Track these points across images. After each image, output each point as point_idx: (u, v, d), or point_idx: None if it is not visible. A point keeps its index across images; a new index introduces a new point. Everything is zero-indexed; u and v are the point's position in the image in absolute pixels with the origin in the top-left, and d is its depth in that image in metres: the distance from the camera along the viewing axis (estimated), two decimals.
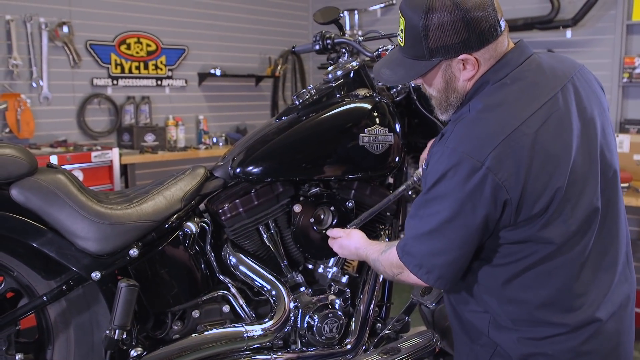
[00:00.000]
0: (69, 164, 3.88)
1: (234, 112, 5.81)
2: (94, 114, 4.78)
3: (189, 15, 5.34)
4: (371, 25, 5.74)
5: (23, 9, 4.29)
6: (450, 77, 1.60)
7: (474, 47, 1.53)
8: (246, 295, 2.26)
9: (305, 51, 2.61)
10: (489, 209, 1.48)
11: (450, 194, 1.50)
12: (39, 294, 1.99)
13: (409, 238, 1.63)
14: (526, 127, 1.48)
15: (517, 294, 1.59)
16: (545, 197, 1.49)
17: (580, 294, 1.57)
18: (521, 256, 1.57)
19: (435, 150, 1.58)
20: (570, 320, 1.56)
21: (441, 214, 1.53)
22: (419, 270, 1.60)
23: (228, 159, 2.24)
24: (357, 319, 2.34)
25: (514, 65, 1.58)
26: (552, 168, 1.49)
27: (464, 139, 1.51)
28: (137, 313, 2.06)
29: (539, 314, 1.58)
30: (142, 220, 2.01)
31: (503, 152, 1.46)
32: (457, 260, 1.57)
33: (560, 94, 1.57)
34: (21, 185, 1.84)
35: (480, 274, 1.64)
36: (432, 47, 1.53)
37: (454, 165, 1.49)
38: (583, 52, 4.62)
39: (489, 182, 1.46)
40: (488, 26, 1.51)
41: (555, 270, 1.56)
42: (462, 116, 1.57)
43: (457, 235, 1.53)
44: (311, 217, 2.26)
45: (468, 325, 1.74)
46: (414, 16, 1.52)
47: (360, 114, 2.22)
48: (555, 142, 1.51)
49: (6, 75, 4.26)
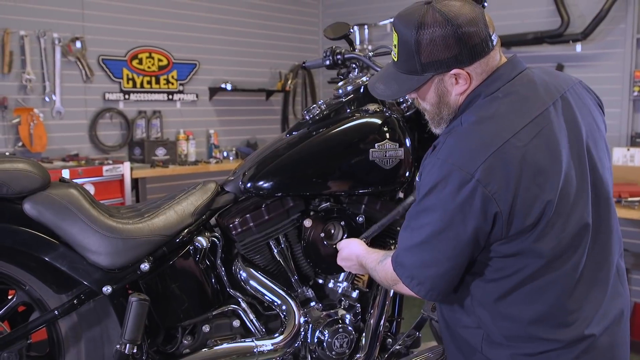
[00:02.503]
0: (80, 178, 3.91)
1: (245, 126, 5.83)
2: (105, 128, 4.82)
3: (200, 30, 5.38)
4: (381, 40, 5.76)
5: (37, 25, 4.34)
6: (442, 91, 1.61)
7: (466, 62, 1.54)
8: (256, 310, 2.26)
9: (315, 66, 2.62)
10: (478, 221, 1.48)
11: (441, 206, 1.51)
12: (50, 308, 2.00)
13: (401, 249, 1.64)
14: (517, 139, 1.49)
15: (511, 309, 1.59)
16: (536, 210, 1.48)
17: (574, 310, 1.57)
18: (513, 271, 1.56)
19: (427, 162, 1.59)
20: (563, 336, 1.56)
21: (432, 225, 1.53)
22: (410, 281, 1.60)
23: (239, 173, 2.25)
24: (368, 334, 2.33)
25: (506, 79, 1.59)
26: (543, 181, 1.49)
27: (455, 150, 1.51)
28: (148, 327, 2.06)
29: (532, 330, 1.58)
30: (154, 234, 2.02)
31: (493, 164, 1.46)
32: (448, 272, 1.56)
33: (552, 108, 1.58)
34: (34, 199, 1.86)
35: (474, 289, 1.64)
36: (425, 62, 1.55)
37: (444, 177, 1.50)
38: (593, 66, 4.61)
39: (479, 194, 1.46)
40: (480, 41, 1.53)
41: (548, 286, 1.55)
42: (454, 128, 1.58)
43: (447, 247, 1.53)
44: (321, 232, 2.26)
45: (461, 342, 1.73)
46: (406, 31, 1.54)
47: (371, 129, 2.23)
48: (546, 156, 1.51)
49: (20, 90, 4.30)
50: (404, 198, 2.45)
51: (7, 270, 1.97)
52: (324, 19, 6.37)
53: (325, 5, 6.40)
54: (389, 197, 2.39)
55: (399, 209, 2.22)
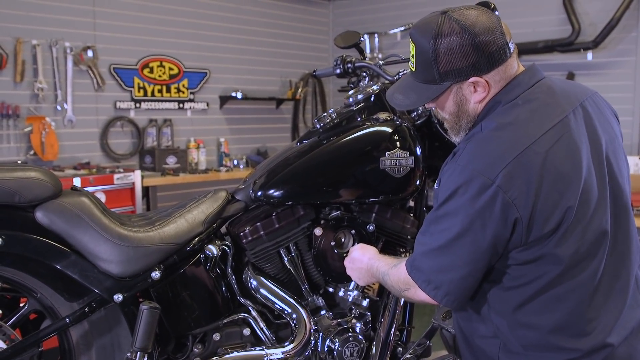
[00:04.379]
0: (91, 186, 3.93)
1: (255, 134, 5.85)
2: (116, 137, 4.84)
3: (211, 39, 5.41)
4: (391, 49, 5.78)
5: (49, 34, 4.38)
6: (461, 99, 1.62)
7: (484, 70, 1.55)
8: (267, 318, 2.26)
9: (326, 75, 2.62)
10: (498, 227, 1.49)
11: (461, 211, 1.51)
12: (61, 316, 2.00)
13: (419, 254, 1.64)
14: (537, 146, 1.50)
15: (530, 318, 1.59)
16: (556, 217, 1.49)
17: (592, 319, 1.57)
18: (532, 278, 1.56)
19: (447, 168, 1.59)
20: (582, 346, 1.56)
21: (451, 230, 1.53)
22: (427, 285, 1.60)
23: (249, 182, 2.25)
24: (378, 343, 2.32)
25: (525, 86, 1.60)
26: (563, 187, 1.49)
27: (475, 156, 1.52)
28: (158, 335, 2.06)
29: (550, 339, 1.57)
30: (164, 242, 2.02)
31: (514, 170, 1.47)
32: (466, 278, 1.56)
33: (571, 115, 1.59)
34: (46, 208, 1.87)
35: (491, 298, 1.64)
36: (443, 71, 1.55)
37: (465, 182, 1.50)
38: (604, 75, 4.60)
39: (499, 200, 1.46)
40: (497, 49, 1.54)
41: (567, 294, 1.55)
42: (474, 135, 1.59)
43: (466, 252, 1.53)
44: (332, 241, 2.25)
45: (478, 352, 1.73)
46: (424, 41, 1.56)
47: (381, 138, 2.22)
48: (566, 162, 1.51)
49: (32, 99, 4.34)
50: (415, 206, 2.45)
51: (18, 278, 1.98)
52: (335, 28, 6.39)
53: (336, 14, 6.42)
54: (399, 206, 2.38)
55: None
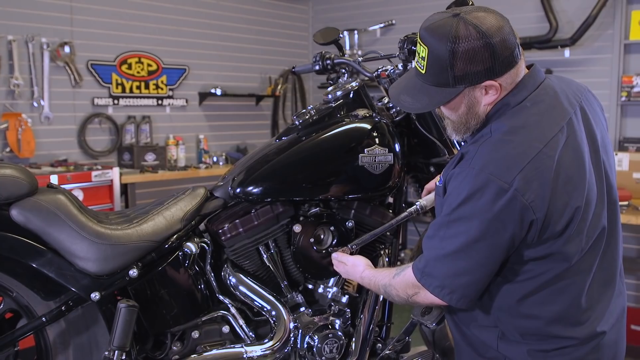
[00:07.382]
0: (69, 184, 3.88)
1: (235, 131, 5.82)
2: (94, 134, 4.79)
3: (190, 35, 5.37)
4: (371, 45, 5.77)
5: (25, 29, 4.32)
6: (472, 102, 1.61)
7: (498, 73, 1.55)
8: (246, 315, 2.25)
9: (305, 71, 2.62)
10: (515, 229, 1.51)
11: (477, 215, 1.51)
12: (38, 315, 1.98)
13: (430, 259, 1.63)
14: (549, 149, 1.52)
15: (531, 310, 1.63)
16: (566, 217, 1.52)
17: (587, 309, 1.63)
18: (537, 273, 1.60)
19: (459, 172, 1.58)
20: (578, 334, 1.62)
21: (466, 234, 1.54)
22: (440, 291, 1.61)
23: (228, 179, 2.25)
24: (358, 339, 2.33)
25: (531, 88, 1.62)
26: (572, 188, 1.53)
27: (490, 160, 1.52)
28: (137, 334, 2.05)
29: (550, 329, 1.62)
30: (142, 240, 2.01)
31: (529, 173, 1.48)
32: (481, 279, 1.59)
33: (574, 117, 1.62)
34: (21, 205, 1.85)
35: (496, 291, 1.66)
36: (458, 74, 1.54)
37: (481, 186, 1.50)
38: (581, 71, 4.64)
39: (517, 203, 1.48)
40: (510, 52, 1.54)
41: (567, 287, 1.60)
42: (483, 137, 1.59)
43: (482, 255, 1.54)
44: (311, 237, 2.25)
45: (474, 340, 1.76)
46: (439, 45, 1.53)
47: (360, 134, 2.23)
48: (573, 164, 1.55)
49: (7, 95, 4.27)
50: (394, 203, 2.46)
51: None
52: (314, 24, 6.38)
53: (315, 10, 6.41)
54: (378, 202, 2.39)
55: (392, 222, 2.21)
